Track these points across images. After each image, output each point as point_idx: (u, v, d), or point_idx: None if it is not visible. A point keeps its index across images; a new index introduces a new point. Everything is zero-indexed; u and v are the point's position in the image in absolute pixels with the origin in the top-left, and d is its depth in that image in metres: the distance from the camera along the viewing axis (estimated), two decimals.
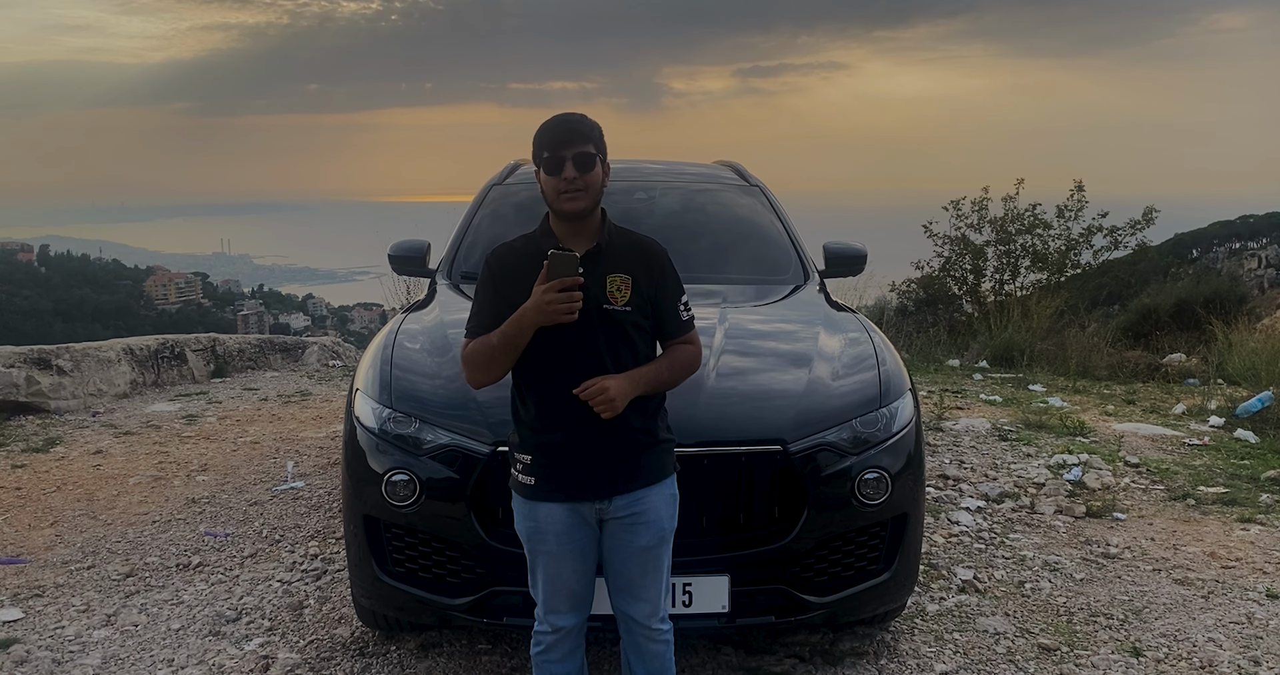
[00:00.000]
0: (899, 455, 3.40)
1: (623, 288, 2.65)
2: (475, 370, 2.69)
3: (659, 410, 2.76)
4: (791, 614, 3.31)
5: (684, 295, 2.78)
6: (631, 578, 2.75)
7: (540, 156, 2.60)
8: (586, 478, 2.65)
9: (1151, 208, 15.32)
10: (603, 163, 2.65)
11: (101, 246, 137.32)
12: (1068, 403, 8.31)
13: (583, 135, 2.60)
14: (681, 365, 2.74)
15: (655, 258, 2.73)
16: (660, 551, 2.76)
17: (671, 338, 2.76)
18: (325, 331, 54.22)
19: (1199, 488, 5.79)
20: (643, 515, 2.69)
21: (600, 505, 2.68)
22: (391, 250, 5.01)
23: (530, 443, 2.69)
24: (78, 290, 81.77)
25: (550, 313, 2.49)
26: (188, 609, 4.15)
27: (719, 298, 4.31)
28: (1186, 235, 37.09)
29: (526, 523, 2.73)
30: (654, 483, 2.71)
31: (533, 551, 2.75)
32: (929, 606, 4.15)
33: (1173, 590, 4.35)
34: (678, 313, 2.76)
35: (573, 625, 2.80)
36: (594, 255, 2.65)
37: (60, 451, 6.60)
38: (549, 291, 2.48)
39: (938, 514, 5.25)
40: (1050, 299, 12.47)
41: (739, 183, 5.61)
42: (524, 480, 2.71)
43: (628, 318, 2.65)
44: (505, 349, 2.60)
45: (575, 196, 2.58)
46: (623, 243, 2.72)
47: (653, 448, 2.71)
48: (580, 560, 2.73)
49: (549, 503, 2.68)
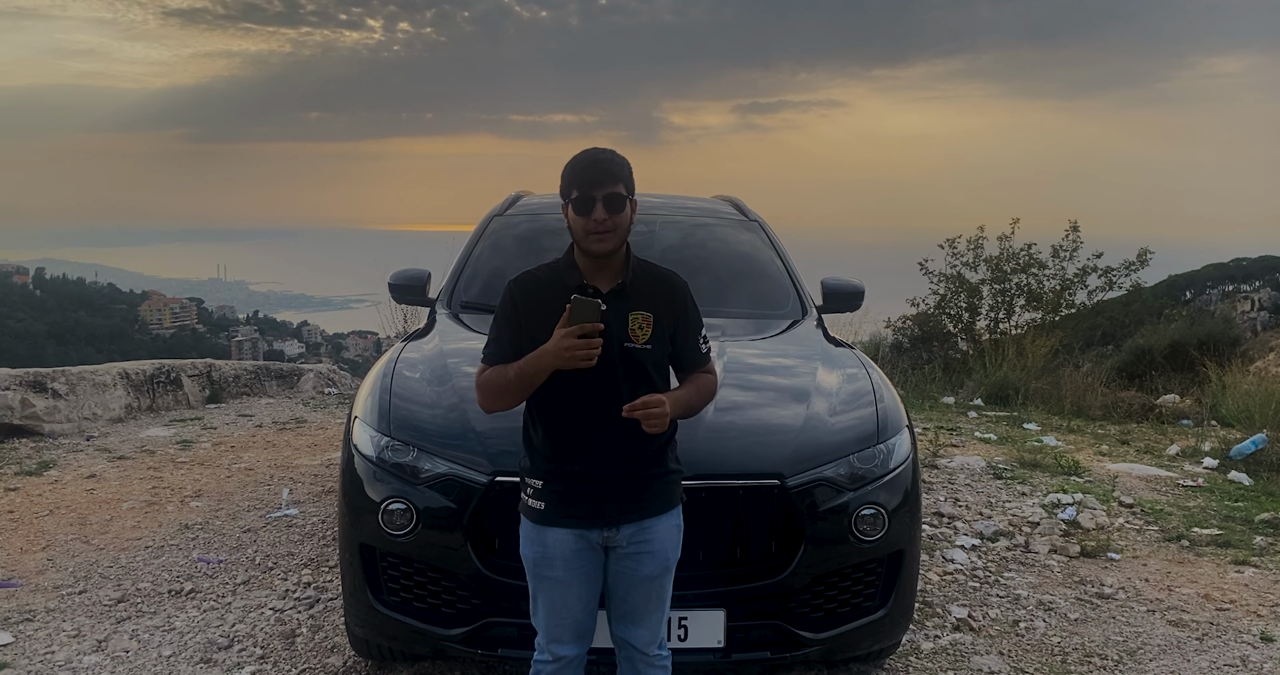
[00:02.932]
0: (896, 492, 3.41)
1: (645, 326, 2.67)
2: (488, 398, 2.70)
3: (671, 440, 2.78)
4: (787, 650, 3.31)
5: (703, 328, 2.82)
6: (634, 606, 2.76)
7: (569, 194, 2.61)
8: (597, 505, 2.66)
9: (1146, 249, 15.39)
10: (631, 202, 2.66)
11: (97, 270, 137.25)
12: (1062, 442, 8.32)
13: (614, 175, 2.61)
14: (706, 392, 2.80)
15: (678, 293, 2.78)
16: (664, 581, 2.77)
17: (692, 370, 2.80)
18: (320, 358, 54.13)
19: (1193, 529, 5.79)
20: (648, 544, 2.71)
21: (608, 533, 2.69)
22: (392, 279, 5.03)
23: (543, 469, 2.70)
24: (72, 313, 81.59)
25: (569, 359, 2.50)
26: (179, 636, 4.13)
27: (718, 331, 4.33)
28: (1180, 277, 37.22)
29: (534, 548, 2.73)
30: (662, 513, 2.73)
31: (538, 577, 2.74)
32: (924, 644, 4.14)
33: (1167, 632, 4.35)
34: (698, 346, 2.80)
35: (574, 656, 2.80)
36: (618, 292, 2.67)
37: (54, 475, 6.58)
38: (569, 337, 2.48)
39: (933, 551, 5.24)
40: (1045, 338, 12.51)
41: (738, 218, 5.66)
42: (534, 505, 2.71)
43: (648, 355, 2.67)
44: (521, 384, 2.61)
45: (604, 238, 2.60)
46: (646, 278, 2.75)
47: (663, 478, 2.73)
48: (586, 587, 2.73)
49: (558, 528, 2.68)
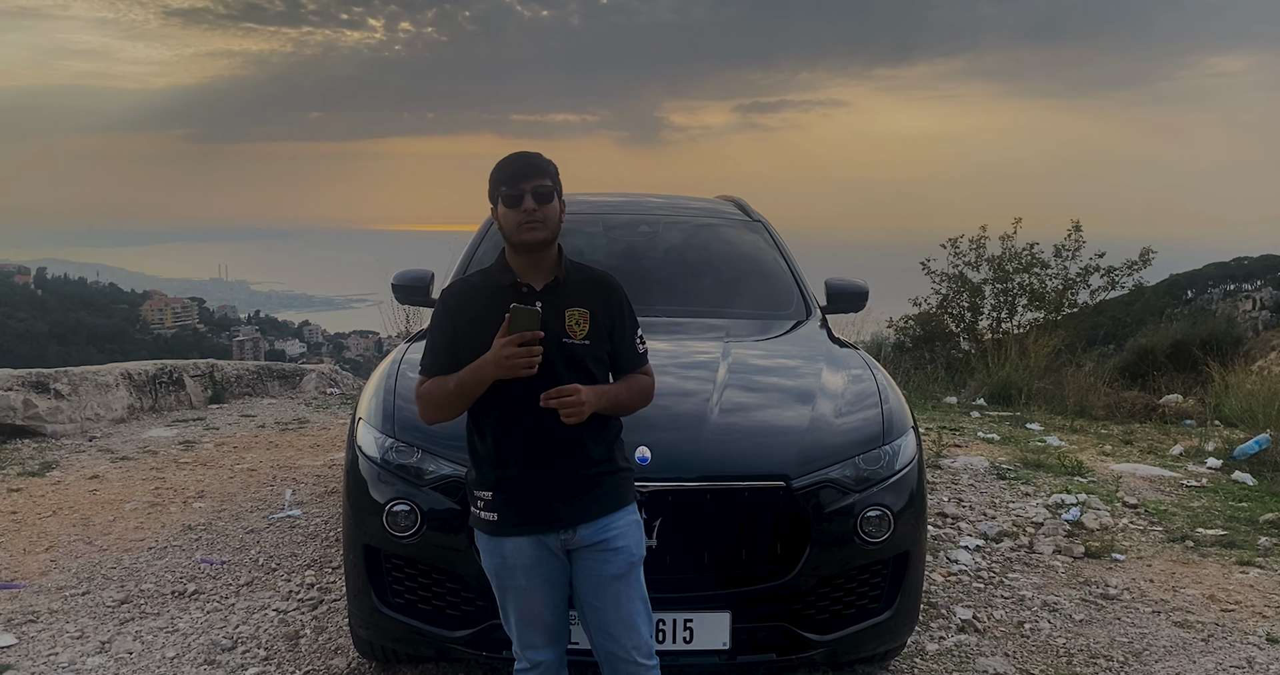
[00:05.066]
0: (901, 493, 3.40)
1: (581, 321, 2.69)
2: (429, 410, 2.72)
3: (616, 439, 2.78)
4: (793, 652, 3.30)
5: (639, 328, 2.83)
6: (607, 612, 2.73)
7: (499, 191, 2.67)
8: (549, 508, 2.66)
9: (1148, 249, 15.39)
10: (560, 198, 2.71)
11: (99, 270, 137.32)
12: (1065, 442, 8.31)
13: (540, 169, 2.67)
14: (640, 392, 2.80)
15: (613, 292, 2.79)
16: (631, 578, 2.74)
17: (629, 370, 2.81)
18: (321, 358, 54.12)
19: (1197, 530, 5.78)
20: (610, 542, 2.70)
21: (565, 535, 2.68)
22: (395, 279, 5.02)
23: (490, 478, 2.70)
24: (74, 313, 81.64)
25: (509, 367, 2.53)
26: (183, 637, 4.12)
27: (722, 332, 4.33)
28: (1182, 276, 37.19)
29: (493, 560, 2.73)
30: (616, 509, 2.72)
31: (502, 587, 2.75)
32: (928, 646, 4.13)
33: (1172, 633, 4.34)
34: (634, 346, 2.81)
35: (551, 659, 2.80)
36: (552, 289, 2.70)
37: (56, 476, 6.58)
38: (509, 346, 2.51)
39: (936, 552, 5.23)
40: (1047, 338, 12.50)
41: (741, 218, 5.65)
42: (486, 517, 2.71)
43: (587, 351, 2.69)
44: (461, 395, 2.64)
45: (535, 227, 2.63)
46: (580, 277, 2.78)
47: (613, 475, 2.74)
48: (551, 592, 2.73)
49: (514, 538, 2.68)
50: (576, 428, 2.62)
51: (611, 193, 6.18)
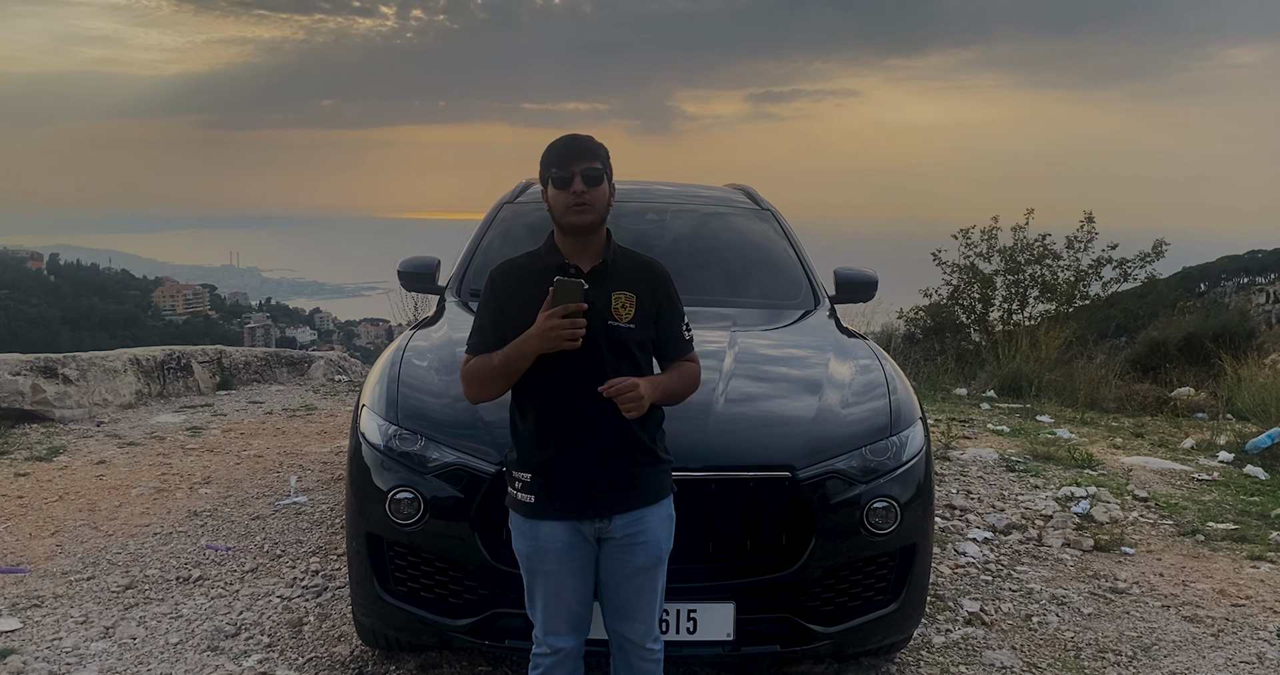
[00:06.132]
0: (909, 484, 3.37)
1: (627, 305, 2.67)
2: (474, 388, 2.71)
3: (658, 430, 2.76)
4: (797, 643, 3.27)
5: (685, 316, 2.81)
6: (627, 599, 2.74)
7: (549, 173, 2.65)
8: (587, 496, 2.65)
9: (1162, 241, 15.28)
10: (609, 181, 2.69)
11: (111, 256, 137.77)
12: (1075, 434, 8.26)
13: (591, 152, 2.65)
14: (689, 380, 2.79)
15: (660, 278, 2.77)
16: (656, 572, 2.75)
17: (675, 357, 2.79)
18: (331, 345, 54.26)
19: (1208, 524, 5.74)
20: (640, 535, 2.69)
21: (600, 524, 2.67)
22: (401, 266, 4.99)
23: (531, 460, 2.68)
24: (86, 299, 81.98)
25: (553, 339, 2.51)
26: (187, 623, 4.12)
27: (729, 321, 4.29)
28: (1194, 269, 37.03)
29: (526, 542, 2.72)
30: (653, 503, 2.71)
31: (531, 571, 2.73)
32: (935, 638, 4.10)
33: (1182, 627, 4.30)
34: (681, 333, 2.79)
35: (572, 647, 2.78)
36: (599, 271, 2.68)
37: (64, 461, 6.58)
38: (552, 318, 2.50)
39: (944, 544, 5.20)
40: (1059, 330, 12.42)
41: (751, 207, 5.60)
42: (523, 498, 2.70)
43: (631, 335, 2.67)
44: (505, 371, 2.62)
45: (583, 210, 2.62)
46: (627, 262, 2.76)
47: (653, 466, 2.72)
48: (580, 579, 2.72)
49: (549, 521, 2.67)
50: (618, 413, 2.60)
51: (621, 180, 6.13)
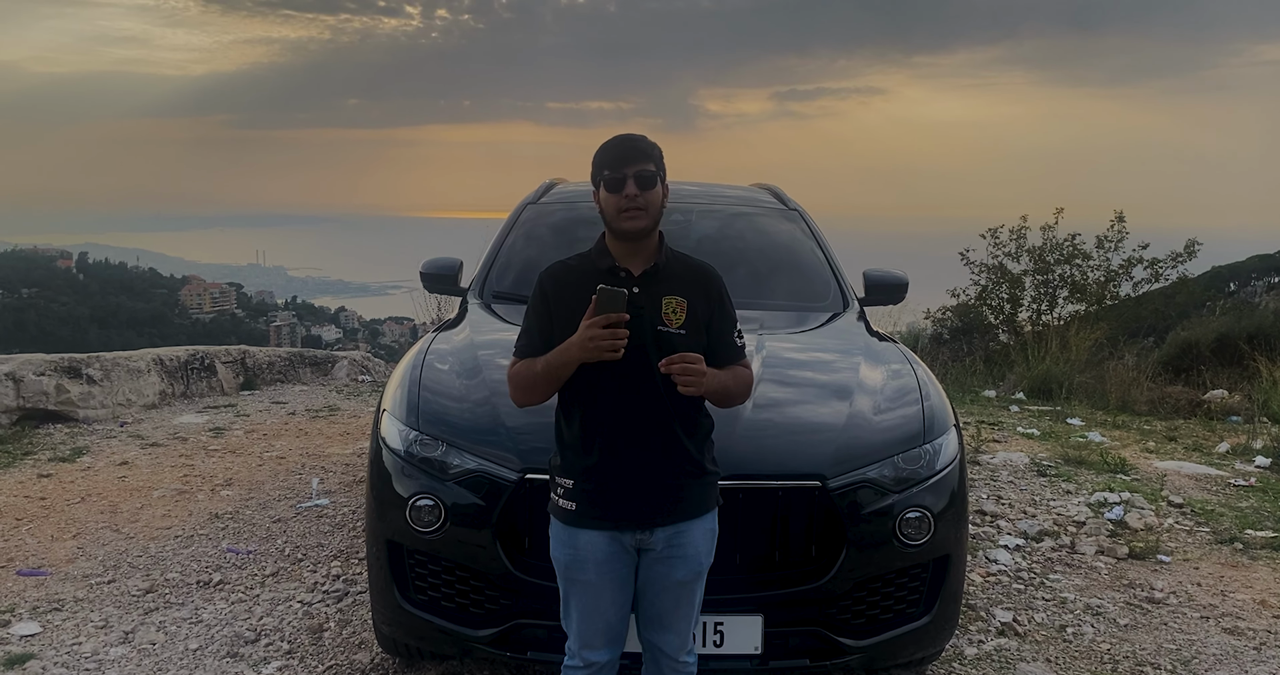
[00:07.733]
0: (942, 494, 3.28)
1: (678, 310, 2.60)
2: (518, 392, 2.65)
3: (706, 440, 2.68)
4: (827, 657, 3.18)
5: (738, 323, 2.73)
6: (664, 609, 2.68)
7: (601, 174, 2.58)
8: (630, 505, 2.57)
9: (1194, 240, 15.06)
10: (663, 183, 2.61)
11: (139, 255, 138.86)
12: (1107, 438, 8.11)
13: (644, 153, 2.58)
14: (743, 384, 2.71)
15: (713, 284, 2.70)
16: (695, 586, 2.69)
17: (727, 364, 2.70)
18: (356, 344, 54.48)
19: (1246, 531, 5.60)
20: (682, 549, 2.62)
21: (641, 535, 2.60)
22: (423, 268, 4.94)
23: (575, 467, 2.61)
24: (114, 298, 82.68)
25: (593, 350, 2.44)
26: (206, 628, 4.08)
27: (756, 324, 4.20)
28: (1224, 268, 36.53)
29: (565, 550, 2.64)
30: (696, 516, 2.64)
31: (569, 580, 2.66)
32: (967, 650, 4.00)
33: (1222, 640, 4.18)
34: (733, 339, 2.71)
35: (606, 661, 2.71)
36: (651, 275, 2.61)
37: (87, 461, 6.58)
38: (593, 327, 2.43)
39: (975, 551, 5.09)
40: (1089, 330, 12.24)
41: (778, 206, 5.52)
42: (564, 505, 2.63)
43: (682, 340, 2.59)
44: (548, 377, 2.56)
45: (636, 215, 2.55)
46: (680, 266, 2.69)
47: (699, 478, 2.64)
48: (619, 591, 2.65)
49: (590, 530, 2.60)
50: (669, 420, 2.54)
51: None
